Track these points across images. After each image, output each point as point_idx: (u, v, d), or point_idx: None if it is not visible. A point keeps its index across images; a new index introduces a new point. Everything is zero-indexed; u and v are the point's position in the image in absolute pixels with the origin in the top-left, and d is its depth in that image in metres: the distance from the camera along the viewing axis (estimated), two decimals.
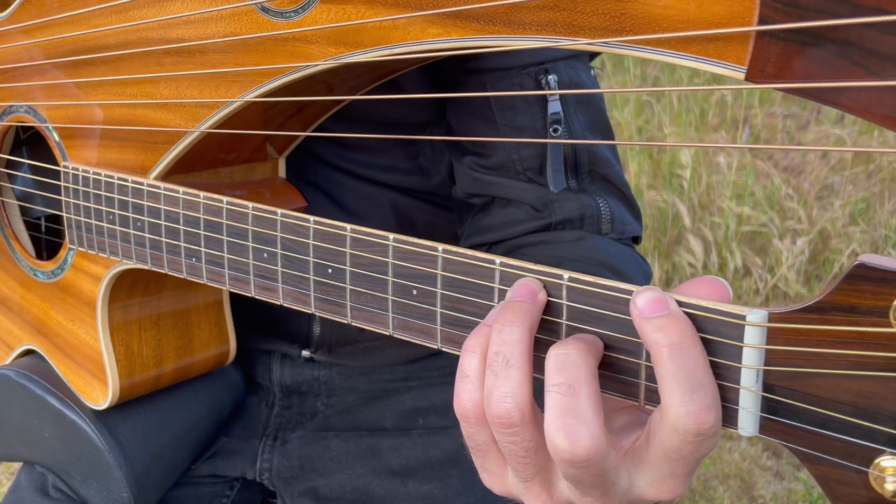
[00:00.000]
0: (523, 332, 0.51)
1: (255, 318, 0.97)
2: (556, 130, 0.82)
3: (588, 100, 0.85)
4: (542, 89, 0.82)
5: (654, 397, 0.51)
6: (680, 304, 0.49)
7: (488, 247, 0.87)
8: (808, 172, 3.73)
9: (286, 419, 1.00)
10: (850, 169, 3.75)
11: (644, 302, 0.48)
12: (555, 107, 0.82)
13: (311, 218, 0.64)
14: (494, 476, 0.54)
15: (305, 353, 0.99)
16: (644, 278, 0.80)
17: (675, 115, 4.24)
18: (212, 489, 0.98)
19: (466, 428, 0.52)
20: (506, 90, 0.83)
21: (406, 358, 1.00)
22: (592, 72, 0.86)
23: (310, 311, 0.66)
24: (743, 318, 0.46)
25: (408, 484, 0.95)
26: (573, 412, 0.47)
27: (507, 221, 0.85)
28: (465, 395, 0.51)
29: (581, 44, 0.51)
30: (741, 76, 0.46)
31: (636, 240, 0.86)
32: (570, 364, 0.48)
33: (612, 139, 0.88)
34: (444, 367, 1.01)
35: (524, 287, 0.53)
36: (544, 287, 0.54)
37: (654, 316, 0.47)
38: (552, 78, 0.82)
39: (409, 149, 0.94)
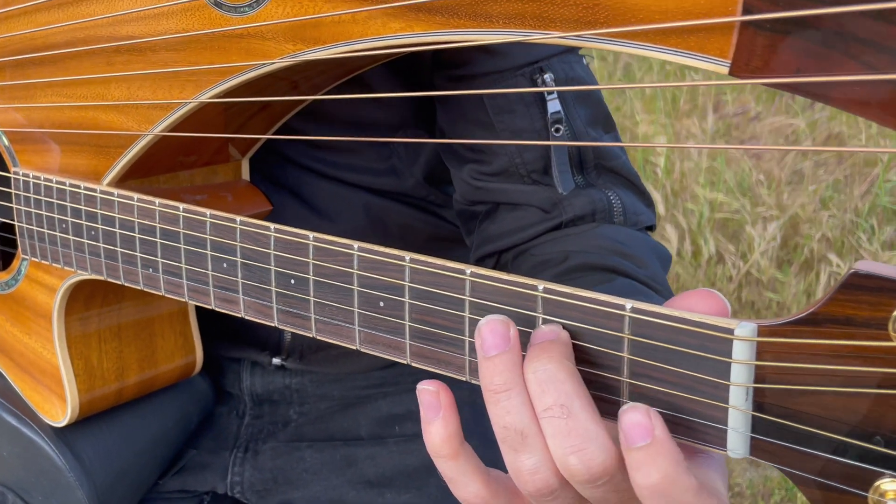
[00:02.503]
0: (521, 392, 0.46)
1: (222, 325, 0.92)
2: (557, 130, 0.78)
3: (586, 93, 0.81)
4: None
5: None
6: (664, 316, 0.44)
7: (498, 255, 0.83)
8: (778, 158, 3.71)
9: (257, 429, 0.96)
10: (820, 154, 3.73)
11: (628, 425, 0.44)
12: (554, 105, 0.78)
13: (272, 226, 0.59)
14: None
15: (276, 360, 0.94)
16: (660, 262, 0.76)
17: (646, 102, 4.21)
18: None
19: None
20: (503, 94, 0.79)
21: (380, 364, 0.95)
22: (584, 60, 0.81)
23: (273, 325, 0.62)
24: (730, 331, 0.42)
25: (385, 494, 0.91)
26: (576, 431, 0.44)
27: (516, 227, 0.81)
28: (462, 495, 0.49)
29: (552, 37, 0.46)
30: (725, 70, 0.41)
31: (651, 228, 0.82)
32: (552, 380, 0.44)
33: (614, 130, 0.84)
34: (419, 373, 0.96)
35: (493, 333, 0.47)
36: (509, 318, 0.49)
37: (636, 447, 0.43)
38: (548, 76, 0.78)
39: (382, 150, 0.89)
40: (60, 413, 0.80)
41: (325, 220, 0.88)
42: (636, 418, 0.44)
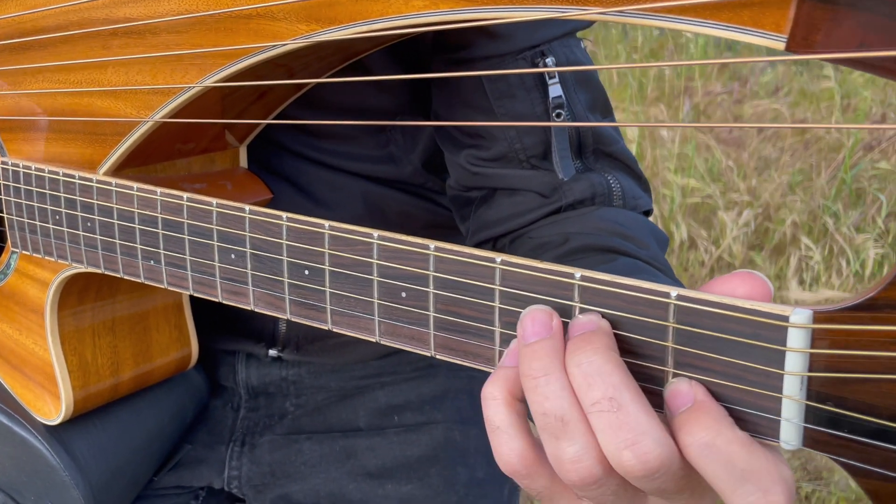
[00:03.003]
0: (560, 378, 0.44)
1: (216, 317, 0.89)
2: (559, 115, 0.76)
3: (587, 78, 0.79)
4: (544, 75, 0.76)
5: None
6: (711, 303, 0.42)
7: (495, 240, 0.80)
8: (746, 144, 3.73)
9: (253, 422, 0.93)
10: (788, 140, 3.76)
11: (669, 395, 0.43)
12: (556, 90, 0.75)
13: (284, 215, 0.56)
14: None
15: (272, 352, 0.91)
16: (659, 245, 0.74)
17: (614, 90, 4.21)
18: (175, 501, 0.90)
19: (520, 481, 0.46)
20: (502, 77, 0.76)
21: (378, 353, 0.93)
22: (582, 44, 0.79)
23: (285, 317, 0.59)
24: (785, 318, 0.41)
25: (386, 486, 0.89)
26: (628, 426, 0.41)
27: (514, 212, 0.78)
28: (503, 449, 0.45)
29: (591, 13, 0.44)
30: (781, 46, 0.39)
31: (648, 213, 0.80)
32: (598, 372, 0.42)
33: (612, 115, 0.82)
34: (417, 361, 0.95)
35: (535, 322, 0.46)
36: (554, 314, 0.47)
37: (679, 413, 0.42)
38: (550, 60, 0.75)
39: (380, 137, 0.86)
40: (54, 411, 0.77)
41: (323, 209, 0.86)
42: (677, 388, 0.43)
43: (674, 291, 0.44)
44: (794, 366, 0.41)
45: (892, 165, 3.40)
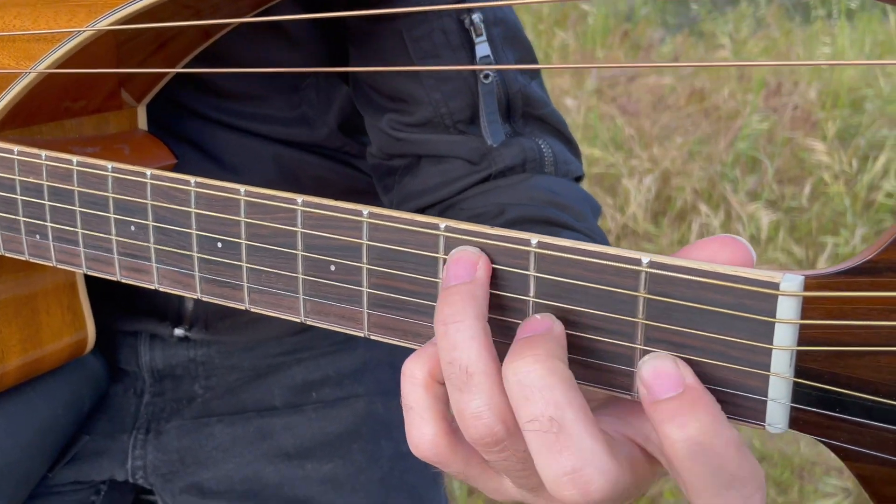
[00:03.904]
0: (472, 326, 0.39)
1: (115, 295, 0.80)
2: (487, 77, 0.70)
3: (514, 35, 0.74)
4: (468, 31, 0.69)
5: None
6: (689, 270, 0.37)
7: (421, 211, 0.74)
8: (647, 114, 3.75)
9: (159, 408, 0.85)
10: (686, 108, 3.80)
11: (651, 375, 0.37)
12: (484, 49, 0.70)
13: (193, 179, 0.49)
14: (496, 490, 0.43)
15: (178, 331, 0.83)
16: (593, 214, 0.70)
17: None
18: (74, 497, 0.81)
19: (434, 464, 0.41)
20: (426, 36, 0.70)
21: (293, 329, 0.86)
22: None
23: (195, 297, 0.51)
24: (776, 286, 0.36)
25: (305, 466, 0.82)
26: (568, 450, 0.36)
27: (441, 182, 0.72)
28: (413, 433, 0.41)
29: None
30: None
31: (579, 179, 0.75)
32: (537, 386, 0.37)
33: (539, 76, 0.76)
34: (335, 335, 0.88)
35: (458, 263, 0.41)
36: (484, 253, 0.41)
37: (665, 398, 0.36)
38: (476, 17, 0.69)
39: (292, 97, 0.79)
40: None
41: (232, 174, 0.78)
42: (661, 367, 0.37)
43: (645, 257, 0.38)
44: (784, 339, 0.36)
45: (786, 132, 3.47)
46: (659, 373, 0.37)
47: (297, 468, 0.83)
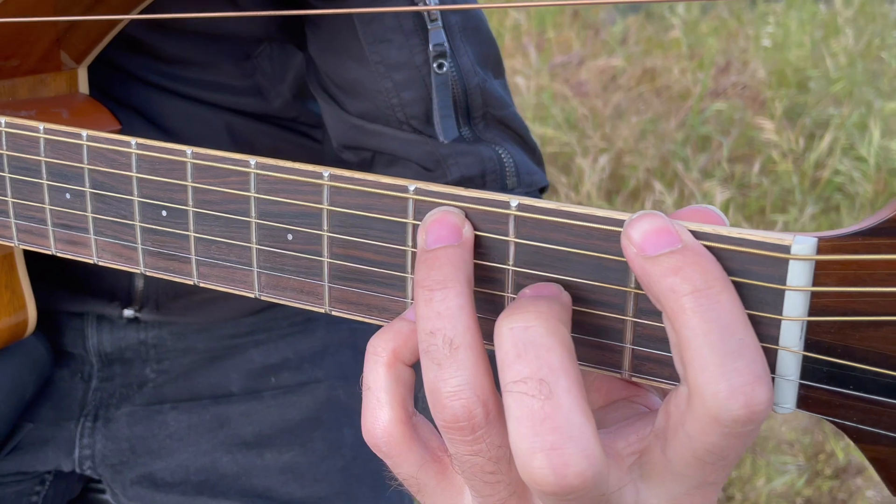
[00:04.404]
0: (461, 294, 0.34)
1: (59, 273, 0.74)
2: (441, 66, 0.64)
3: (476, 27, 0.67)
4: (422, 16, 0.64)
5: (643, 367, 0.35)
6: (691, 234, 0.33)
7: None
8: (599, 93, 3.73)
9: (108, 393, 0.79)
10: (637, 88, 3.78)
11: (643, 233, 0.32)
12: (438, 36, 0.64)
13: (133, 140, 0.44)
14: None
15: (128, 312, 0.77)
16: None
17: None
18: (16, 489, 0.75)
19: (384, 458, 0.36)
20: (377, 19, 0.64)
21: (251, 309, 0.81)
22: None
23: (138, 271, 0.46)
24: (786, 249, 0.31)
25: (264, 455, 0.77)
26: (552, 421, 0.30)
27: None
28: (367, 416, 0.36)
29: None
30: None
31: (543, 190, 0.70)
32: (534, 343, 0.32)
33: (503, 77, 0.70)
34: (294, 316, 0.83)
35: (441, 223, 0.36)
36: (466, 216, 0.37)
37: (662, 253, 0.31)
38: (433, 1, 0.63)
39: (244, 65, 0.73)
40: None
41: (181, 144, 0.72)
42: (652, 224, 0.32)
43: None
44: (794, 309, 0.32)
45: (736, 110, 3.48)
46: (654, 229, 0.32)
47: (256, 458, 0.78)
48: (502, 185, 0.67)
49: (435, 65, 0.65)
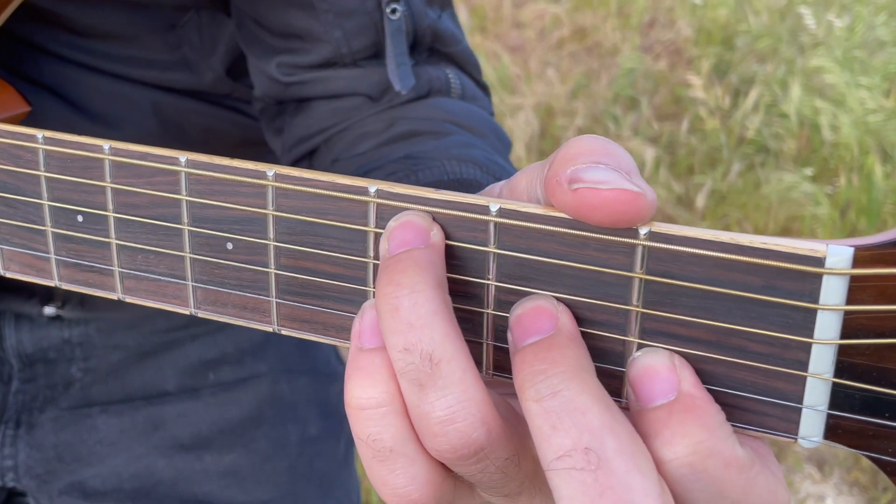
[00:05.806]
0: (433, 298, 0.28)
1: None
2: (394, 11, 0.58)
3: None
4: None
5: None
6: (704, 243, 0.28)
7: (310, 157, 0.62)
8: (530, 50, 3.68)
9: (30, 396, 0.71)
10: (568, 46, 3.74)
11: (640, 376, 0.29)
12: None
13: (40, 133, 0.37)
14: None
15: (48, 309, 0.70)
16: (502, 145, 0.59)
17: None
18: None
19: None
20: None
21: None
22: None
23: (53, 284, 0.39)
24: (820, 262, 0.27)
25: (204, 458, 0.71)
26: (613, 493, 0.26)
27: (337, 120, 0.60)
28: (399, 481, 0.30)
29: None
30: None
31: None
32: (568, 410, 0.27)
33: (451, 7, 0.65)
34: None
35: (406, 227, 0.31)
36: (434, 220, 0.31)
37: (654, 406, 0.28)
38: None
39: (169, 37, 0.65)
40: None
41: (102, 126, 0.64)
42: (651, 365, 0.28)
43: (643, 228, 0.29)
44: (828, 330, 0.27)
45: (664, 68, 3.47)
46: (649, 373, 0.28)
47: (195, 461, 0.72)
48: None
49: (388, 9, 0.59)
